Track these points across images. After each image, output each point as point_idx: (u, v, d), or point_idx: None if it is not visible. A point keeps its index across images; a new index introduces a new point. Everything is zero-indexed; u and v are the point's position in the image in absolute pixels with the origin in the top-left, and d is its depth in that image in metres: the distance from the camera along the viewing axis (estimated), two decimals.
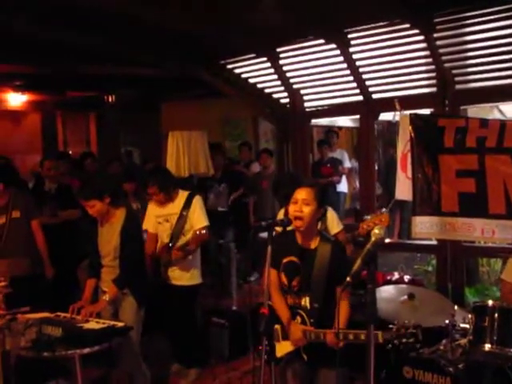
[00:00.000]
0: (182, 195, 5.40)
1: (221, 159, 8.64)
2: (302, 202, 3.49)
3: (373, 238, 2.69)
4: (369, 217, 4.39)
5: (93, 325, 4.15)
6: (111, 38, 6.25)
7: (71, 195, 6.91)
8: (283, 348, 3.67)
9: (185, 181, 7.88)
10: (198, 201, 5.39)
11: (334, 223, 5.13)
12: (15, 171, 6.92)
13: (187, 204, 5.33)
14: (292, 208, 3.53)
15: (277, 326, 3.67)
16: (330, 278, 3.49)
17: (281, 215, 5.30)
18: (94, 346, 3.89)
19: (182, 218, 5.30)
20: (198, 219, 5.27)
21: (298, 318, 3.60)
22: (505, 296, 4.66)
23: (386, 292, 4.76)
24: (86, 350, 3.87)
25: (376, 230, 2.74)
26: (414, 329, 3.03)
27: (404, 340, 3.05)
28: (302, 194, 3.53)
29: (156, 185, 5.27)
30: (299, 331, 3.52)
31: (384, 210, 4.32)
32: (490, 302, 3.92)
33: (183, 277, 5.37)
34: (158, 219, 5.27)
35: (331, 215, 5.19)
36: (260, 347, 3.23)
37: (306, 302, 3.57)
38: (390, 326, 3.18)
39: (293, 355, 3.62)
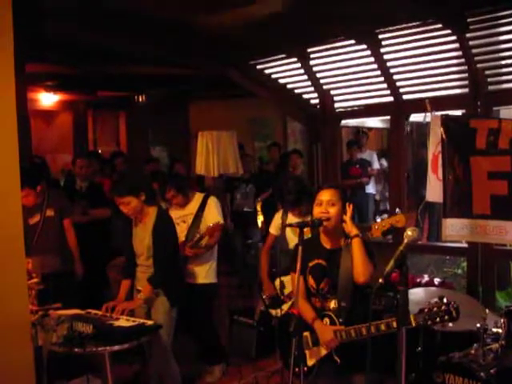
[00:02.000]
0: (199, 196, 5.55)
1: (247, 160, 8.68)
2: (326, 203, 3.50)
3: (405, 240, 2.68)
4: (381, 218, 4.36)
5: (123, 322, 4.17)
6: (140, 38, 6.30)
7: (102, 194, 7.00)
8: (314, 354, 3.64)
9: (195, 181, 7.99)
10: (212, 200, 5.52)
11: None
12: (49, 170, 7.03)
13: (203, 204, 5.46)
14: (317, 210, 3.53)
15: (306, 333, 3.63)
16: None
17: (278, 219, 5.32)
18: (123, 344, 3.91)
19: (198, 218, 5.43)
20: (212, 217, 5.36)
21: (327, 319, 3.57)
22: None
23: (415, 294, 4.72)
24: (116, 348, 3.89)
25: (409, 232, 2.72)
26: (447, 306, 2.97)
27: (438, 319, 3.01)
28: (326, 195, 3.54)
29: (173, 188, 5.41)
30: (330, 332, 3.50)
31: (398, 210, 4.28)
32: None
33: (199, 275, 5.45)
34: (176, 221, 5.33)
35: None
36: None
37: (334, 304, 3.55)
38: (420, 308, 3.14)
39: (325, 360, 3.58)
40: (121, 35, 6.19)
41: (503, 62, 5.75)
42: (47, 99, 11.28)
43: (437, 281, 5.75)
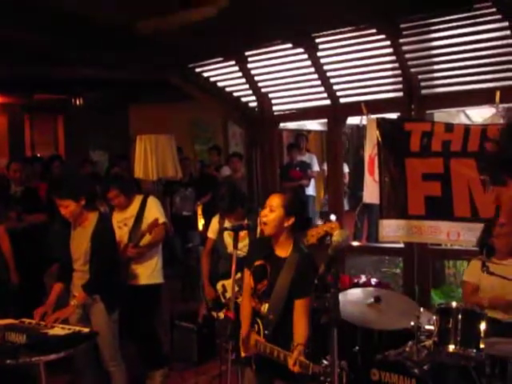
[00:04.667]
0: (138, 198, 5.45)
1: (186, 164, 8.65)
2: (269, 208, 3.51)
3: (333, 244, 2.73)
4: (316, 224, 4.40)
5: (58, 331, 4.07)
6: (77, 40, 6.19)
7: (38, 199, 6.83)
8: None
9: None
10: (152, 200, 5.44)
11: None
12: None
13: (143, 205, 5.38)
14: (261, 212, 3.55)
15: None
16: (291, 291, 3.46)
17: (215, 223, 5.33)
18: (59, 353, 3.82)
19: (139, 220, 5.32)
20: (153, 216, 5.27)
21: (256, 327, 3.57)
22: (466, 297, 4.75)
23: (352, 295, 4.77)
24: (52, 357, 3.79)
25: (334, 237, 2.77)
26: (340, 369, 2.98)
27: (329, 379, 2.98)
28: (271, 200, 3.54)
29: (116, 188, 5.30)
30: (252, 339, 3.50)
31: (333, 216, 4.33)
32: (454, 304, 3.98)
33: (142, 275, 5.35)
34: (118, 224, 5.25)
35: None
36: (224, 352, 3.21)
37: (265, 308, 3.56)
38: (322, 361, 3.16)
39: (247, 360, 3.59)
40: (57, 37, 6.07)
41: (436, 67, 5.91)
42: None
43: (374, 281, 5.85)
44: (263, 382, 3.66)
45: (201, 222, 8.18)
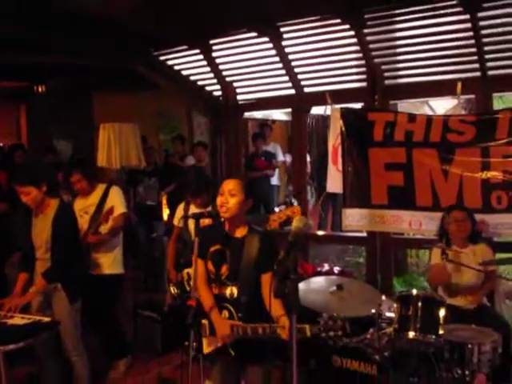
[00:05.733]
0: (101, 187, 5.42)
1: (150, 153, 8.61)
2: (228, 193, 3.51)
3: (292, 230, 2.74)
4: (279, 210, 4.44)
5: (17, 320, 4.02)
6: (39, 26, 6.07)
7: None
8: (212, 343, 3.64)
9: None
10: (114, 190, 5.42)
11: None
12: None
13: (105, 195, 5.36)
14: (219, 199, 3.55)
15: (204, 321, 3.61)
16: (258, 269, 3.48)
17: (180, 210, 5.33)
18: (18, 343, 3.75)
19: (100, 209, 5.29)
20: (114, 205, 5.25)
21: (226, 313, 3.55)
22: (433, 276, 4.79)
23: (315, 283, 4.82)
24: (10, 347, 3.73)
25: (294, 223, 2.79)
26: (341, 321, 3.05)
27: (332, 333, 3.08)
28: (228, 185, 3.55)
29: (78, 172, 5.28)
30: (227, 326, 3.47)
31: (295, 202, 4.38)
32: (414, 291, 4.05)
33: (104, 265, 5.33)
34: (79, 213, 5.19)
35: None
36: (186, 343, 3.21)
37: (232, 291, 3.56)
38: (318, 319, 3.20)
39: (220, 351, 3.58)
40: (17, 23, 5.95)
41: (399, 58, 5.97)
42: None
43: (336, 269, 5.91)
44: (240, 368, 3.66)
45: (165, 212, 8.11)
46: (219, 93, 7.37)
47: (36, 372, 4.91)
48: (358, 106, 6.20)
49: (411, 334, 3.88)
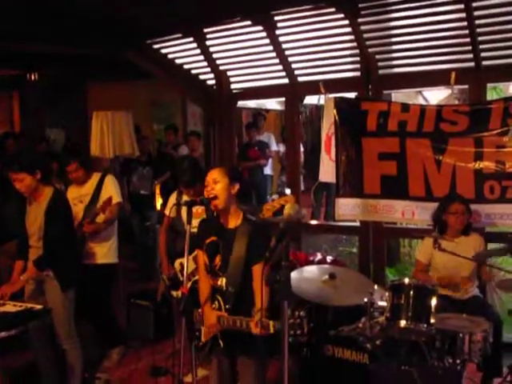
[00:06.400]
0: (96, 176, 5.43)
1: (143, 142, 8.59)
2: (212, 182, 3.51)
3: (284, 217, 2.74)
4: (272, 199, 4.45)
5: (9, 308, 4.03)
6: (31, 14, 6.02)
7: None
8: (208, 332, 3.65)
9: None
10: (109, 179, 5.43)
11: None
12: None
13: (100, 184, 5.36)
14: (205, 192, 3.55)
15: (200, 310, 3.65)
16: (247, 260, 3.48)
17: (173, 200, 5.32)
18: (9, 330, 3.77)
19: (95, 197, 5.30)
20: (108, 194, 5.24)
21: (216, 303, 3.58)
22: (416, 274, 4.85)
23: (308, 272, 4.83)
24: (2, 334, 3.74)
25: (286, 210, 2.79)
26: (300, 319, 3.04)
27: (291, 332, 3.07)
28: (211, 174, 3.55)
29: (76, 160, 5.28)
30: (214, 317, 3.50)
31: (288, 191, 4.38)
32: (406, 280, 4.07)
33: (98, 255, 5.34)
34: (73, 201, 5.18)
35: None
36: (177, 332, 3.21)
37: (222, 282, 3.57)
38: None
39: (214, 341, 3.58)
40: (9, 11, 5.89)
41: (393, 47, 5.95)
42: None
43: (329, 259, 5.91)
44: (231, 359, 3.68)
45: (159, 202, 8.11)
46: (213, 82, 7.34)
47: (32, 360, 4.92)
48: (351, 95, 6.16)
49: (403, 323, 3.91)
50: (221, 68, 7.07)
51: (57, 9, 5.85)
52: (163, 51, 7.26)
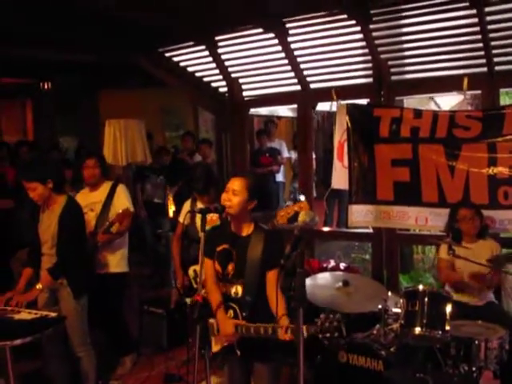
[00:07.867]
0: (107, 184, 5.44)
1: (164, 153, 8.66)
2: (231, 192, 3.50)
3: (299, 224, 2.74)
4: (286, 205, 4.43)
5: (24, 315, 4.04)
6: (47, 22, 6.07)
7: (5, 184, 6.74)
8: (219, 342, 3.64)
9: None
10: (121, 188, 5.45)
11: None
12: None
13: (111, 192, 5.36)
14: (223, 196, 3.55)
15: (212, 320, 3.63)
16: (263, 268, 3.48)
17: (187, 207, 5.32)
18: (25, 338, 3.76)
19: (107, 206, 5.30)
20: (122, 204, 5.25)
21: (231, 312, 3.56)
22: (443, 272, 4.78)
23: (321, 279, 4.83)
24: (17, 342, 3.73)
25: (300, 217, 2.79)
26: (337, 322, 3.03)
27: (328, 334, 3.06)
28: (233, 183, 3.54)
29: (96, 158, 5.36)
30: (231, 325, 3.48)
31: (302, 197, 4.36)
32: (421, 287, 4.05)
33: (110, 264, 5.34)
34: (84, 209, 5.19)
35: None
36: (191, 339, 3.20)
37: (237, 289, 3.56)
38: (316, 319, 3.18)
39: (228, 349, 3.58)
40: (23, 18, 5.94)
41: (405, 54, 5.94)
42: None
43: (342, 265, 5.90)
44: (247, 366, 3.66)
45: (171, 209, 8.13)
46: (225, 89, 7.36)
47: (43, 368, 4.94)
48: (363, 102, 6.17)
49: (417, 330, 3.88)
50: (233, 75, 7.08)
51: (70, 17, 5.90)
52: (175, 59, 7.28)
